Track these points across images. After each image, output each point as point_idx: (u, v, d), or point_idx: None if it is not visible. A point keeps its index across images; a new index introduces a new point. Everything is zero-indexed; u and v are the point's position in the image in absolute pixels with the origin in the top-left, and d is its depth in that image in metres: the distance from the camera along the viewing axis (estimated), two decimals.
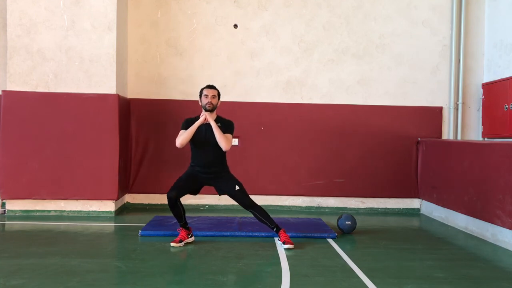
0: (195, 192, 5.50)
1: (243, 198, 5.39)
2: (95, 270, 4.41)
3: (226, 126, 5.39)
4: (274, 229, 5.44)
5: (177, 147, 5.33)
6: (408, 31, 8.05)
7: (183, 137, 5.28)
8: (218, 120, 5.38)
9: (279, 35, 8.01)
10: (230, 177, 5.45)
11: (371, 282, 4.18)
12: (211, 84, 5.53)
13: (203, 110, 5.37)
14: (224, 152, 5.40)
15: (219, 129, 5.27)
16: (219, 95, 5.46)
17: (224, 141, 5.24)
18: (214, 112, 5.40)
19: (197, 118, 5.36)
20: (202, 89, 5.45)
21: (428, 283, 4.25)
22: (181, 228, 5.45)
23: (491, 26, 7.95)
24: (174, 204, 5.27)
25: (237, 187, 5.36)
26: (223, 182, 5.41)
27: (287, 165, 7.88)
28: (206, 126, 5.32)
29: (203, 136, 5.31)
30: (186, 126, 5.34)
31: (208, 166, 5.36)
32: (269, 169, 7.87)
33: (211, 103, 5.32)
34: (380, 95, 8.03)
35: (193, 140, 5.32)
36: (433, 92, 8.08)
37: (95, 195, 7.04)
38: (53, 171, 6.95)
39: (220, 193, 5.50)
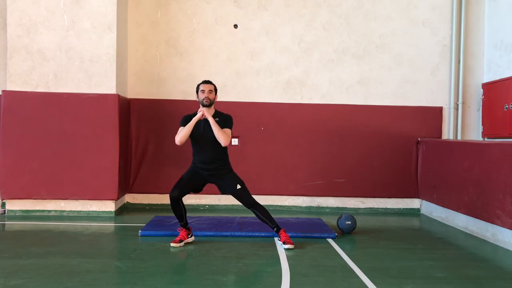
0: (197, 190, 5.48)
1: (245, 197, 5.37)
2: (95, 270, 4.41)
3: (225, 121, 5.34)
4: (275, 229, 5.44)
5: (177, 147, 5.33)
6: (408, 31, 8.06)
7: (181, 134, 5.25)
8: (216, 115, 5.35)
9: (279, 35, 8.01)
10: (232, 176, 5.41)
11: (371, 282, 4.19)
12: (207, 79, 5.52)
13: (201, 106, 5.35)
14: (225, 148, 5.35)
15: (217, 125, 5.22)
16: (215, 89, 5.43)
17: (222, 136, 5.19)
18: (212, 107, 5.38)
19: (195, 114, 5.34)
20: (198, 85, 5.43)
21: (428, 283, 4.25)
22: (181, 228, 5.45)
23: (491, 26, 7.95)
24: (176, 204, 5.28)
25: (238, 186, 5.33)
26: (225, 181, 5.38)
27: (287, 165, 7.88)
28: (204, 122, 5.29)
29: (202, 131, 5.28)
30: (184, 123, 5.32)
31: (209, 162, 5.32)
32: (269, 169, 7.87)
33: (208, 98, 5.29)
34: (380, 95, 8.03)
35: (192, 136, 5.30)
36: (433, 92, 8.08)
37: (95, 195, 7.04)
38: (53, 171, 6.95)
39: (222, 192, 5.46)
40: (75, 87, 7.02)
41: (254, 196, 5.46)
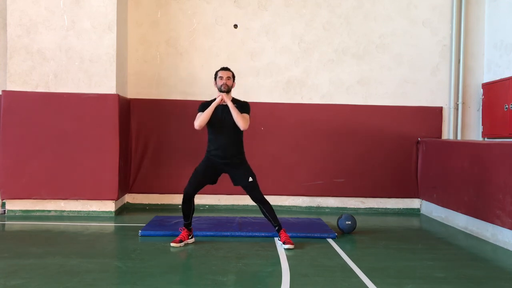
0: (213, 182, 5.48)
1: (254, 191, 5.40)
2: (95, 270, 4.41)
3: (242, 107, 5.38)
4: (276, 228, 5.45)
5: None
6: (408, 31, 8.05)
7: (201, 119, 5.27)
8: (234, 101, 5.39)
9: (279, 35, 8.01)
10: (246, 167, 5.43)
11: (371, 282, 4.19)
12: (225, 66, 5.57)
13: (218, 92, 5.40)
14: (241, 135, 5.41)
15: (236, 109, 5.27)
16: (233, 76, 5.50)
17: (241, 120, 5.24)
18: (230, 94, 5.42)
19: (213, 100, 5.38)
20: (216, 72, 5.48)
21: (428, 283, 4.25)
22: (183, 228, 5.45)
23: (491, 26, 7.95)
24: (188, 201, 5.32)
25: (250, 179, 5.36)
26: (239, 172, 5.39)
27: (287, 165, 7.87)
28: (222, 108, 5.34)
29: (220, 117, 5.32)
30: (202, 109, 5.35)
31: (225, 149, 5.33)
32: (269, 169, 7.86)
33: (226, 84, 5.36)
34: (380, 95, 8.03)
35: (210, 122, 5.31)
36: (433, 92, 8.08)
37: (95, 195, 7.04)
38: (53, 171, 6.95)
39: (235, 183, 5.45)
40: (75, 87, 7.02)
41: None
